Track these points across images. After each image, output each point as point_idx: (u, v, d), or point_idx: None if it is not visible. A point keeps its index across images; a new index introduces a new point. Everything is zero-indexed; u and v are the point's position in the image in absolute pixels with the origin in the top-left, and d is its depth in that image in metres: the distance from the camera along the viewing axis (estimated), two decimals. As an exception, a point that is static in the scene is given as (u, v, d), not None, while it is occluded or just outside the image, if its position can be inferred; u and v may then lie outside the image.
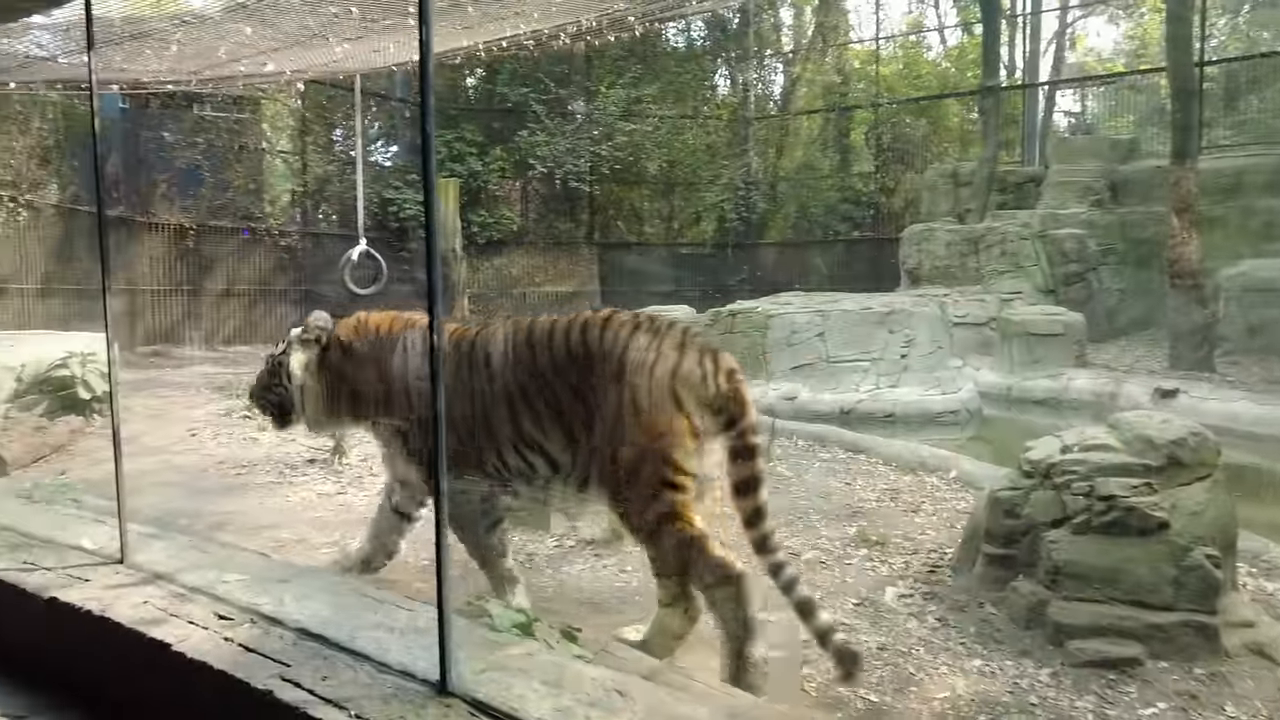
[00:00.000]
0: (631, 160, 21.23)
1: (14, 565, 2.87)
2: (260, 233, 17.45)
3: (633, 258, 22.38)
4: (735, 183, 22.11)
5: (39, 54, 6.89)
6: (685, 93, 23.03)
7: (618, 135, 20.51)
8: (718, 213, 22.27)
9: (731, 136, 23.11)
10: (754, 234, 22.42)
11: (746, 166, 22.63)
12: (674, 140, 21.88)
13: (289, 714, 1.95)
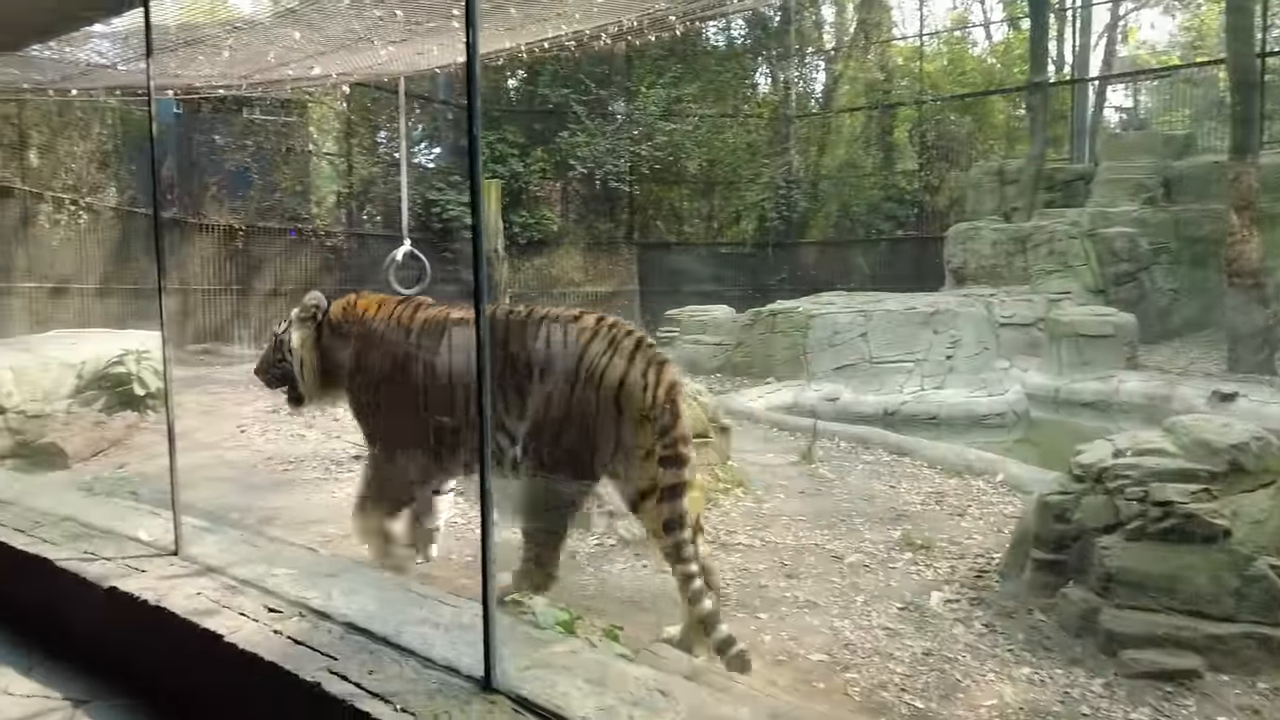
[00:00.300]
0: (671, 160, 21.20)
1: (76, 554, 2.97)
2: (307, 233, 17.79)
3: (672, 257, 22.34)
4: (776, 181, 21.94)
5: (99, 61, 7.11)
6: (725, 91, 22.92)
7: (657, 135, 20.49)
8: (758, 212, 22.12)
9: (772, 135, 22.94)
10: (795, 233, 22.24)
11: (787, 165, 22.44)
12: (714, 139, 21.79)
13: (336, 706, 1.98)
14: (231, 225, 16.18)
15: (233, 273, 16.13)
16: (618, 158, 20.30)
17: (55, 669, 2.68)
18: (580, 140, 20.11)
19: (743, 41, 24.06)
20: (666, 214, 23.39)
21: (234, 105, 16.07)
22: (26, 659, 2.75)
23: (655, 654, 2.78)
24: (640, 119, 20.61)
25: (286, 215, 17.46)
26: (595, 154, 20.07)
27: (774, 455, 7.01)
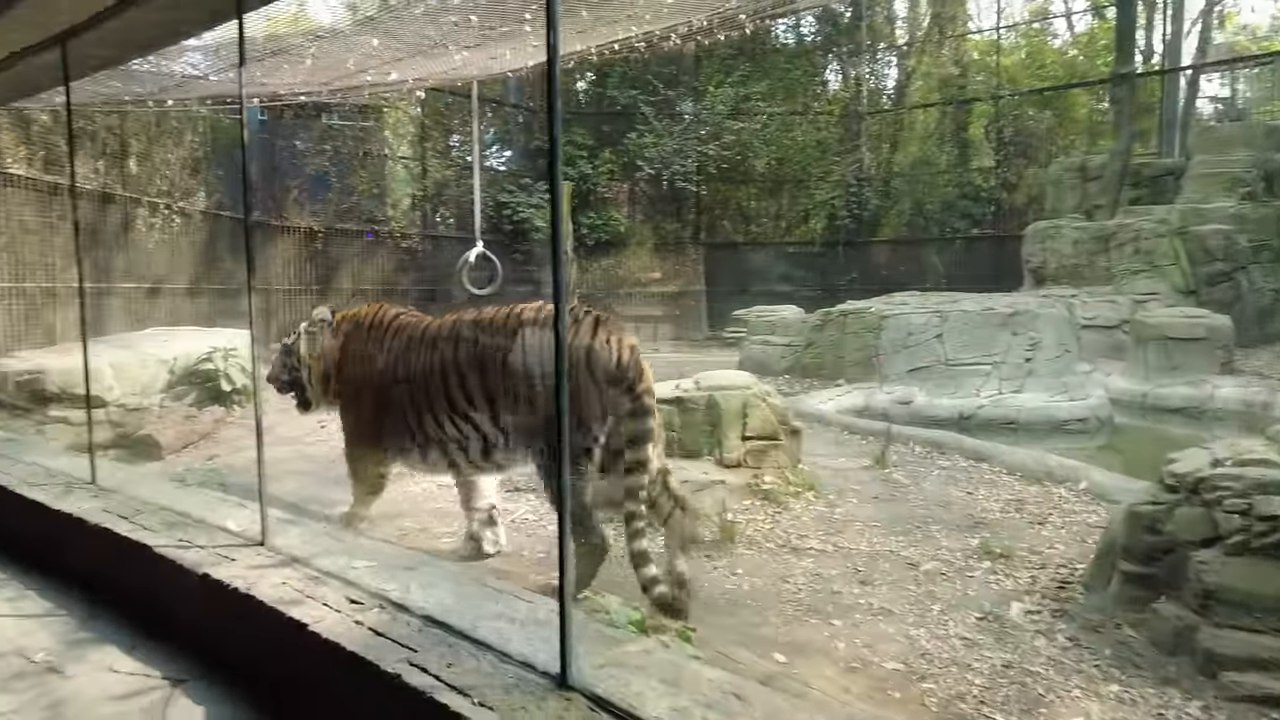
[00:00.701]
0: (739, 159, 21.07)
1: (172, 542, 3.11)
2: (383, 235, 18.31)
3: (739, 257, 22.22)
4: (846, 179, 21.59)
5: (193, 73, 7.45)
6: (795, 89, 22.66)
7: (725, 134, 20.39)
8: (828, 210, 21.79)
9: (843, 132, 22.58)
10: (866, 232, 21.84)
11: (858, 162, 22.07)
12: (783, 137, 21.57)
13: (416, 697, 2.02)
14: (311, 227, 16.76)
15: (312, 273, 16.70)
16: (685, 158, 20.29)
17: (155, 649, 2.81)
18: (648, 141, 20.17)
19: (812, 38, 23.75)
20: (734, 213, 23.28)
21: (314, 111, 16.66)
22: (130, 638, 2.90)
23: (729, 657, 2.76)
24: (708, 118, 20.55)
25: (364, 218, 18.00)
26: (663, 154, 20.10)
27: (845, 459, 6.89)
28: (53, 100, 6.72)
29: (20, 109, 8.81)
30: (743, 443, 5.69)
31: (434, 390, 4.09)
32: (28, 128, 10.56)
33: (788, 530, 5.03)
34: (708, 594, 4.09)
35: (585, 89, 22.24)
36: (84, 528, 3.46)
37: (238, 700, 2.48)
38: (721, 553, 4.62)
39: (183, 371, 8.55)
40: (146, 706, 2.44)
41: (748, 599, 4.05)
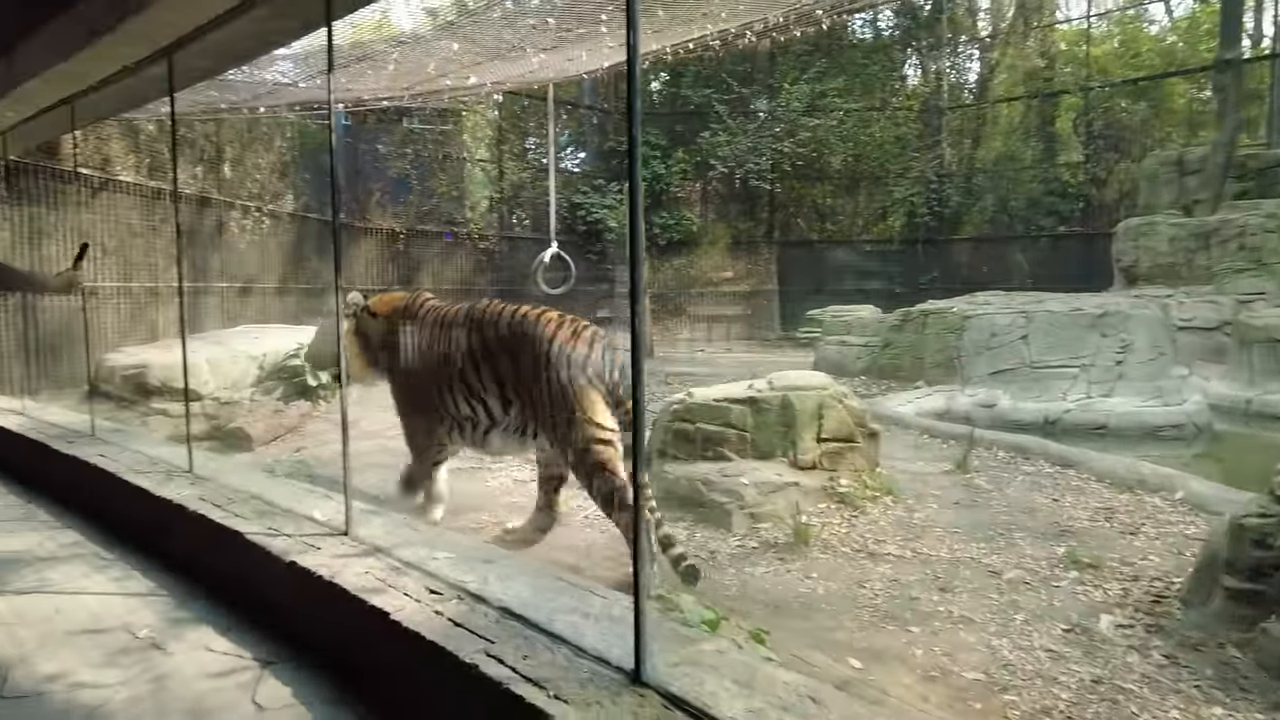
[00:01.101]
0: (814, 156, 20.78)
1: (262, 530, 3.25)
2: (461, 236, 18.75)
3: (814, 256, 21.92)
4: (926, 176, 21.06)
5: (282, 81, 7.77)
6: (872, 84, 22.23)
7: (800, 131, 20.14)
8: (907, 208, 21.29)
9: (922, 128, 22.03)
10: (947, 229, 21.26)
11: (939, 158, 21.50)
12: (860, 133, 21.17)
13: (493, 688, 2.05)
14: (393, 229, 17.28)
15: (394, 273, 17.21)
16: (759, 156, 20.12)
17: (247, 631, 2.94)
18: (721, 140, 20.08)
19: (890, 33, 23.26)
20: (808, 211, 22.98)
21: (395, 116, 17.16)
22: (225, 620, 3.05)
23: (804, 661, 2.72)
24: (783, 115, 20.34)
25: (443, 219, 18.46)
26: (736, 153, 19.98)
27: (925, 463, 6.72)
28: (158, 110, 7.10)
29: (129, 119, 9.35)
30: (818, 444, 5.60)
31: (454, 371, 4.53)
32: (135, 137, 11.19)
33: (864, 535, 4.93)
34: (780, 596, 4.04)
35: (659, 88, 22.30)
36: (183, 514, 3.64)
37: (323, 683, 2.57)
38: (795, 556, 4.56)
39: (271, 367, 8.93)
40: (239, 685, 2.55)
41: (822, 603, 3.98)
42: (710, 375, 10.98)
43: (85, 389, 7.91)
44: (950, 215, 21.30)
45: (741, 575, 4.31)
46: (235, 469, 4.60)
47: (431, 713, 2.33)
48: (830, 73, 20.71)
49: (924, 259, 20.86)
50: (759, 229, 22.17)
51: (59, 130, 6.46)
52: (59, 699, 2.49)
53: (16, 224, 8.75)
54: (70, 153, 9.10)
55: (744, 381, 6.15)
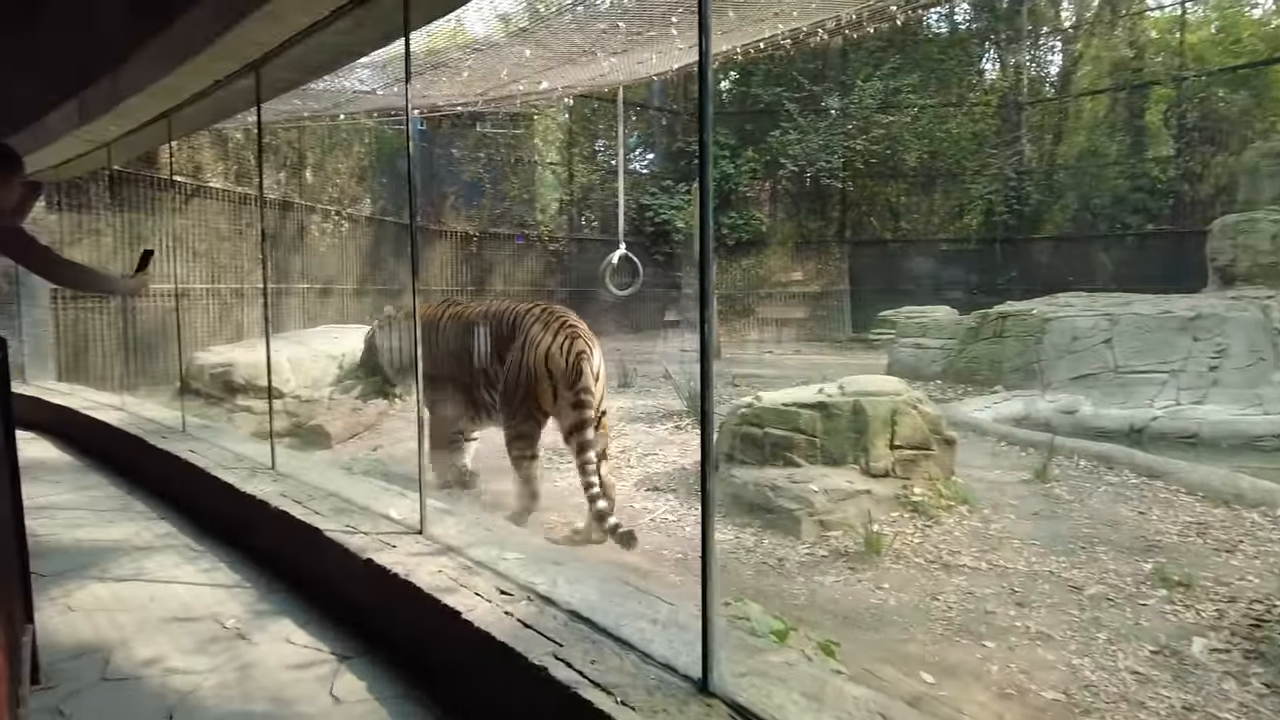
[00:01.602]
0: (888, 153, 20.36)
1: (340, 527, 3.35)
2: (532, 239, 19.03)
3: (887, 255, 21.47)
4: (1005, 173, 20.39)
5: (362, 89, 8.02)
6: (948, 80, 21.64)
7: (874, 128, 19.77)
8: (984, 206, 20.66)
9: (1001, 123, 21.33)
10: (1026, 228, 20.54)
11: (1018, 155, 20.78)
12: (935, 130, 20.64)
13: (561, 691, 2.07)
14: (467, 231, 17.65)
15: (467, 274, 17.59)
16: (831, 154, 19.83)
17: (325, 626, 3.05)
18: (792, 138, 19.86)
19: (968, 26, 22.60)
20: (881, 210, 22.51)
21: (469, 121, 17.52)
22: (304, 614, 3.16)
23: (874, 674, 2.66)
24: (855, 113, 20.00)
25: (514, 222, 18.77)
26: (807, 151, 19.74)
27: (1002, 472, 6.51)
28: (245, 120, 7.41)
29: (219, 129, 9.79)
30: (891, 451, 5.48)
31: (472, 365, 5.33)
32: (224, 145, 11.71)
33: (938, 545, 4.81)
34: (850, 607, 3.97)
35: (728, 88, 22.19)
36: (266, 510, 3.79)
37: (396, 679, 2.64)
38: (866, 565, 4.48)
39: (350, 366, 9.22)
40: (318, 678, 2.64)
41: (893, 615, 3.90)
42: (778, 377, 10.87)
43: (177, 386, 8.31)
44: (1030, 213, 20.57)
45: (810, 584, 4.25)
46: (315, 466, 4.77)
47: (500, 713, 2.37)
48: (904, 69, 20.24)
49: (1002, 259, 20.19)
50: (830, 228, 21.83)
51: (157, 141, 6.80)
52: (155, 683, 2.62)
53: (119, 229, 9.26)
54: (166, 161, 9.58)
55: (814, 385, 6.06)
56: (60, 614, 3.19)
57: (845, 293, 20.89)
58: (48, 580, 3.50)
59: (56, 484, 5.39)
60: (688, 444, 7.21)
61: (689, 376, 8.96)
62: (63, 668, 2.71)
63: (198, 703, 2.49)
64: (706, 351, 2.11)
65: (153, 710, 2.44)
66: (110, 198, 9.13)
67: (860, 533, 4.75)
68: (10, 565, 2.25)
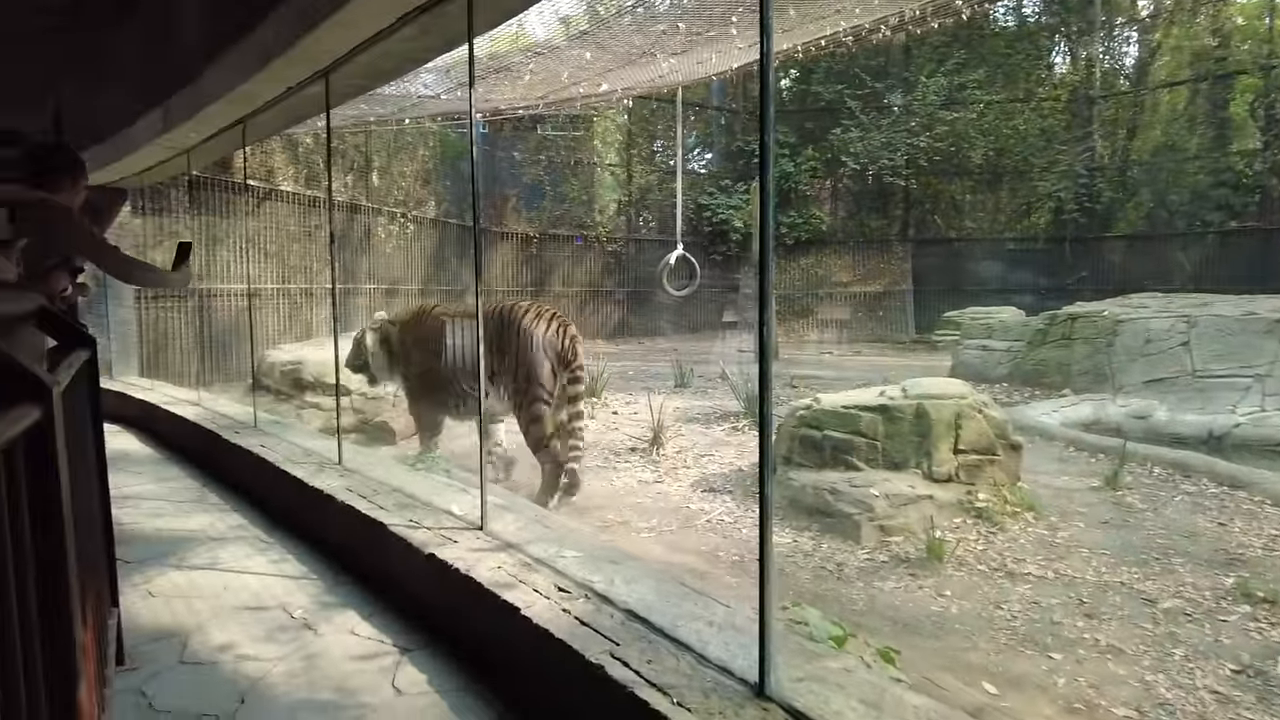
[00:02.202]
0: (952, 151, 19.90)
1: (403, 522, 3.43)
2: (591, 240, 19.18)
3: (951, 254, 20.98)
4: (1075, 169, 19.73)
5: (426, 93, 8.19)
6: (1016, 74, 21.03)
7: (938, 125, 19.36)
8: (1053, 203, 20.03)
9: (1071, 118, 20.65)
10: (1097, 226, 19.84)
11: (1090, 150, 20.08)
12: (1002, 126, 20.10)
13: (618, 690, 2.08)
14: (527, 233, 17.88)
15: (527, 275, 17.81)
16: (893, 151, 19.49)
17: (388, 618, 3.13)
18: (853, 136, 19.58)
19: (1037, 19, 21.94)
20: (945, 208, 22.01)
21: (530, 123, 17.75)
22: (368, 606, 3.25)
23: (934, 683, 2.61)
24: (919, 109, 19.62)
25: (574, 223, 18.94)
26: (869, 149, 19.45)
27: (1071, 478, 6.30)
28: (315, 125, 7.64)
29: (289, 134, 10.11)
30: (954, 456, 5.36)
31: (461, 361, 6.08)
32: (295, 149, 12.09)
33: (1002, 552, 4.68)
34: (911, 614, 3.90)
35: (789, 85, 21.98)
36: (333, 504, 3.90)
37: (456, 672, 2.70)
38: (927, 572, 4.39)
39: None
40: (381, 669, 2.71)
41: (955, 623, 3.81)
42: (838, 379, 10.73)
43: (249, 382, 8.61)
44: (1101, 211, 19.85)
45: (869, 590, 4.19)
46: (380, 462, 4.89)
47: (557, 709, 2.40)
48: (970, 64, 19.77)
49: (1071, 258, 19.55)
50: (892, 227, 21.45)
51: (232, 147, 7.07)
52: (228, 668, 2.73)
53: (196, 230, 9.64)
54: (240, 166, 9.94)
55: (875, 387, 5.97)
56: (142, 599, 3.34)
57: (908, 293, 20.50)
58: (131, 567, 3.68)
59: (139, 475, 5.65)
60: (744, 445, 7.17)
61: (746, 377, 8.91)
62: (144, 650, 2.85)
63: (267, 689, 2.58)
64: (766, 353, 2.10)
65: (226, 695, 2.54)
66: (189, 201, 9.51)
67: (922, 539, 4.66)
68: (99, 552, 2.37)
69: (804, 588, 3.93)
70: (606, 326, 19.48)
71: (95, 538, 2.34)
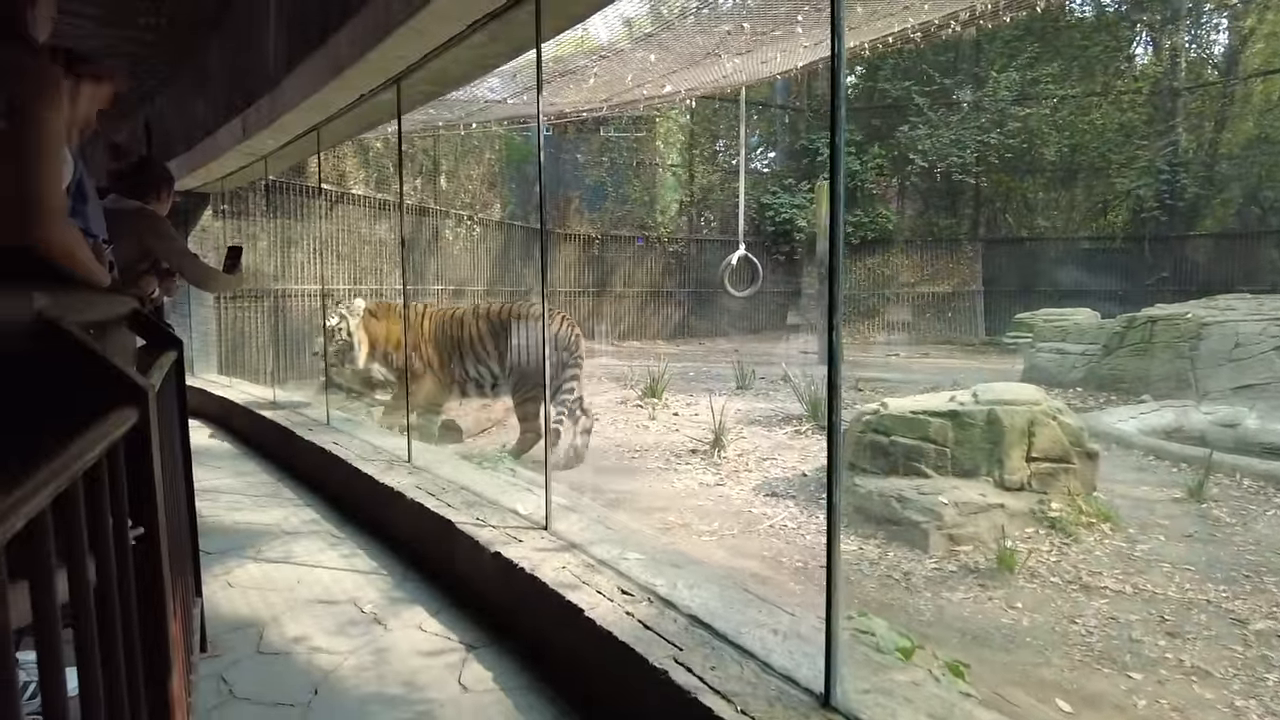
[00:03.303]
0: (1025, 147, 19.30)
1: (470, 520, 3.50)
2: (652, 240, 19.21)
3: (1023, 254, 20.35)
4: (1157, 165, 18.91)
5: (493, 97, 8.33)
6: (1093, 67, 20.26)
7: (1009, 121, 18.79)
8: (1132, 201, 19.24)
9: (1152, 112, 19.79)
10: (1181, 224, 18.98)
11: (1173, 145, 19.22)
12: (1078, 121, 19.40)
13: (680, 696, 2.08)
14: (589, 234, 18.02)
15: (589, 276, 17.95)
16: (963, 148, 19.01)
17: (455, 614, 3.19)
18: (921, 133, 19.17)
19: (1116, 8, 21.09)
20: (1017, 206, 21.36)
21: (594, 126, 17.88)
22: (437, 602, 3.32)
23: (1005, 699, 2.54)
24: (989, 105, 19.08)
25: (635, 224, 19.00)
26: (937, 146, 19.00)
27: (1150, 488, 6.04)
28: (385, 130, 7.84)
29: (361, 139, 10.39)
30: (1027, 464, 5.19)
31: (464, 348, 7.08)
32: (366, 154, 12.42)
33: (1077, 564, 4.52)
34: (980, 626, 3.79)
35: (855, 83, 21.64)
36: (401, 501, 4.00)
37: (521, 670, 2.73)
38: (998, 583, 4.27)
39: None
40: (447, 665, 2.77)
41: (1027, 636, 3.70)
42: (904, 382, 10.51)
43: (321, 380, 8.89)
44: (1185, 208, 18.97)
45: (937, 600, 4.09)
46: (447, 460, 4.99)
47: (620, 712, 2.41)
48: (1044, 57, 19.13)
49: (1151, 258, 18.75)
50: (961, 226, 20.91)
51: (307, 153, 7.31)
52: (301, 660, 2.82)
53: (272, 234, 10.00)
54: (313, 171, 10.26)
55: (944, 392, 5.83)
56: (223, 589, 3.48)
57: (977, 293, 19.96)
58: (212, 558, 3.83)
59: (218, 470, 5.88)
60: (808, 449, 7.08)
61: (809, 380, 8.80)
62: (225, 639, 2.96)
63: (339, 681, 2.66)
64: (835, 355, 2.08)
65: (301, 685, 2.63)
66: (265, 205, 9.87)
67: (992, 548, 4.53)
68: (185, 543, 2.47)
69: (869, 597, 3.86)
70: (667, 327, 19.48)
71: (182, 530, 2.44)
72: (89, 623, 0.92)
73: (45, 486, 0.75)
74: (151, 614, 1.28)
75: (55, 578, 0.79)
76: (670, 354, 14.96)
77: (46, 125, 1.55)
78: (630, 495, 5.70)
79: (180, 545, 2.34)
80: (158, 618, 1.31)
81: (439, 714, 2.44)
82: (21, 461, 0.78)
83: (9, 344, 1.24)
